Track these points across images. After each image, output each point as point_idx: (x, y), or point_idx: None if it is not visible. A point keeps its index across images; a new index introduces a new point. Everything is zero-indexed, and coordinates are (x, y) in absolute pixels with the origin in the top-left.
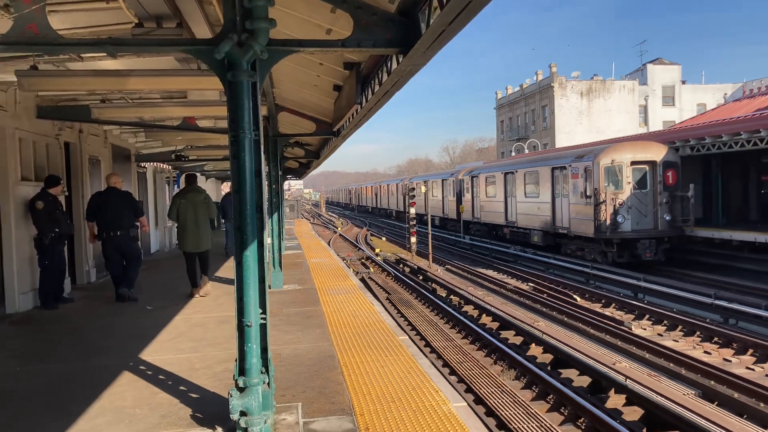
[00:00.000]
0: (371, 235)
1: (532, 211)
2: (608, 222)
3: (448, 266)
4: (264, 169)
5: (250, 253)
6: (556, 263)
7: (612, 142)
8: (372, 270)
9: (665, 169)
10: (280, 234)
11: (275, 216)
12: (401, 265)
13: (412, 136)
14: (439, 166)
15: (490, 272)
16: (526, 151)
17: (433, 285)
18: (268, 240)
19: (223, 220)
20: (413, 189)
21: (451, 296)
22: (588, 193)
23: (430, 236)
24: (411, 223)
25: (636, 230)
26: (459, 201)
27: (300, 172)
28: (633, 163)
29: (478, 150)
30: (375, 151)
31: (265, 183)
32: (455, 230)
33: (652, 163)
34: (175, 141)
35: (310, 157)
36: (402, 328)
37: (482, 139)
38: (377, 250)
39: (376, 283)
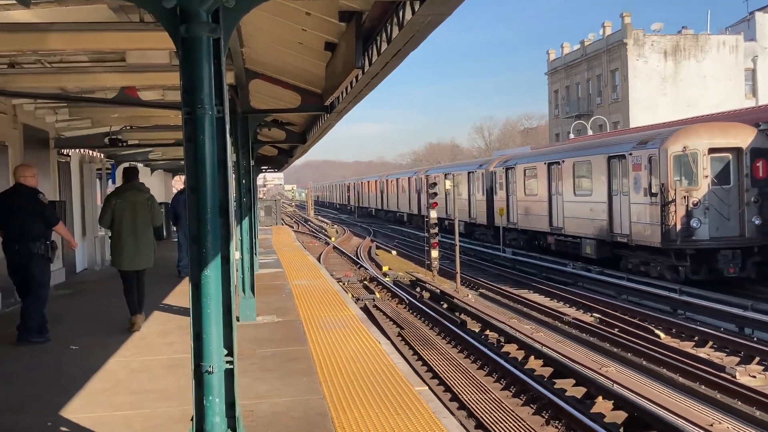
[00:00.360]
0: (377, 247)
1: (584, 213)
2: (679, 227)
3: (483, 290)
4: (230, 157)
5: (211, 273)
6: (631, 286)
7: (697, 122)
8: (378, 295)
9: (754, 158)
10: (253, 246)
11: (245, 222)
12: (418, 289)
13: (434, 113)
14: (470, 153)
15: (539, 298)
16: (590, 132)
17: (463, 316)
18: (236, 255)
19: (174, 228)
20: (434, 185)
21: (487, 331)
22: (653, 190)
23: (458, 249)
24: (432, 231)
25: (716, 238)
26: (490, 200)
27: (280, 162)
28: (711, 150)
29: (524, 131)
30: (383, 133)
31: (232, 177)
32: (484, 239)
33: (736, 151)
34: (109, 120)
35: (294, 141)
36: (419, 376)
37: (529, 116)
38: (385, 269)
39: (384, 314)
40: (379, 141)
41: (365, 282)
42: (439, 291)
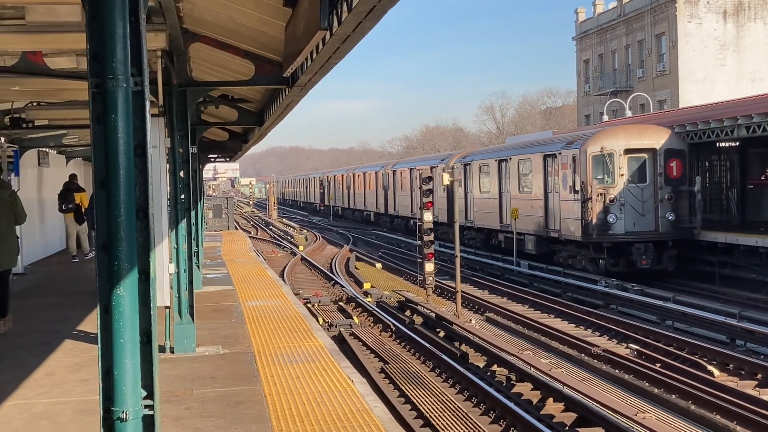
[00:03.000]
0: (357, 258)
1: (526, 210)
2: (595, 222)
3: (490, 313)
4: (162, 143)
5: (125, 292)
6: (677, 309)
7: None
8: (357, 320)
9: (668, 158)
10: (192, 257)
11: (183, 225)
12: (408, 312)
13: (431, 88)
14: (477, 138)
15: (561, 324)
16: (628, 113)
17: (464, 347)
18: (170, 268)
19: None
20: (429, 179)
21: (494, 366)
22: (576, 188)
23: (458, 261)
24: (425, 238)
25: (631, 232)
26: (450, 198)
27: (232, 150)
28: (627, 151)
29: (546, 111)
30: (367, 113)
31: (162, 168)
32: (446, 238)
33: (652, 152)
34: (9, 94)
35: (248, 123)
36: (403, 424)
37: (552, 91)
38: (366, 286)
39: (364, 344)
40: (363, 123)
41: (341, 303)
42: (434, 315)
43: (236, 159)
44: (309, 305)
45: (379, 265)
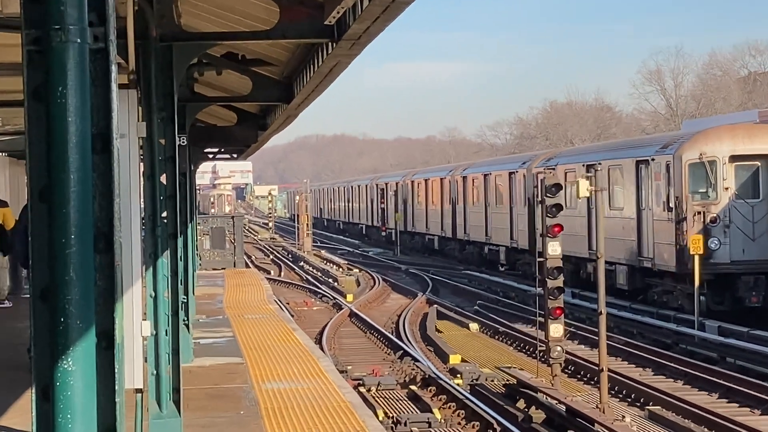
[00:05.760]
0: (440, 315)
1: (617, 232)
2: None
3: (655, 405)
4: (134, 130)
5: (76, 368)
6: None
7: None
8: (439, 415)
9: None
10: (179, 311)
11: (164, 261)
12: (522, 404)
13: (558, 41)
14: (635, 119)
15: None
16: None
17: None
18: (145, 328)
19: (25, 273)
20: (556, 187)
21: None
22: (671, 204)
23: (603, 321)
24: (550, 283)
25: (738, 261)
26: (532, 216)
27: (242, 140)
28: (734, 158)
29: (745, 78)
30: (455, 81)
31: (135, 168)
32: (527, 270)
33: (765, 158)
34: None
35: (269, 97)
36: None
37: (758, 47)
38: (454, 360)
39: None
40: (449, 98)
41: (413, 387)
42: (564, 408)
43: (249, 155)
44: (362, 389)
45: (474, 326)
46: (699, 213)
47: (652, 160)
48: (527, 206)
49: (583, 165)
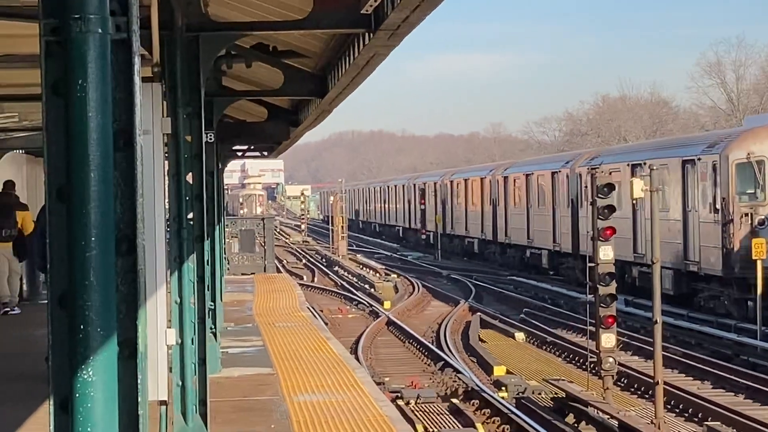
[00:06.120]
0: (483, 323)
1: (663, 234)
2: (738, 250)
3: (714, 419)
4: (159, 126)
5: (96, 379)
6: None
7: None
8: (482, 430)
9: None
10: (206, 318)
11: (190, 266)
12: (572, 419)
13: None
14: (693, 114)
15: None
16: None
17: None
18: (170, 337)
19: (43, 277)
20: (609, 187)
21: None
22: (717, 206)
23: (659, 330)
24: (602, 290)
25: None
26: (575, 217)
27: (273, 137)
28: None
29: None
30: (499, 74)
31: (159, 167)
32: (571, 276)
33: None
34: None
35: (302, 91)
36: None
37: None
38: (498, 372)
39: None
40: (493, 92)
41: (454, 401)
42: (617, 424)
43: (280, 153)
44: (400, 402)
45: (520, 336)
46: (746, 215)
47: (698, 159)
48: (570, 208)
49: (628, 165)
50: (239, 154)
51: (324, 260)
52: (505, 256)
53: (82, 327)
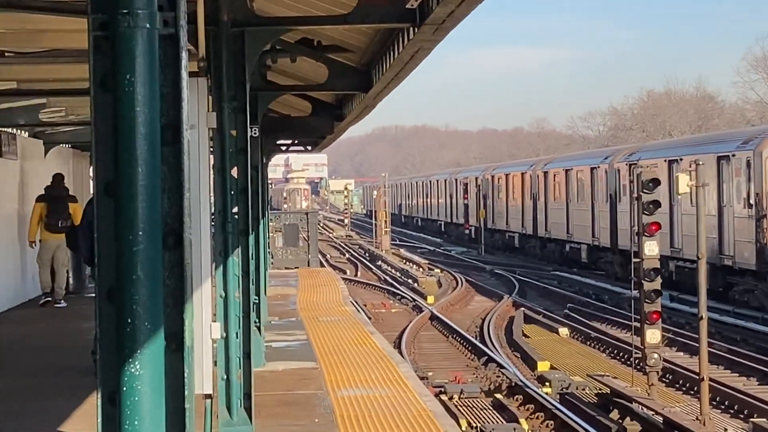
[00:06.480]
0: (527, 318)
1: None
2: None
3: (761, 417)
4: (204, 121)
5: (144, 372)
6: None
7: None
8: (526, 426)
9: None
10: (250, 312)
11: (235, 260)
12: (616, 414)
13: (655, 25)
14: (739, 110)
15: None
16: None
17: None
18: (214, 330)
19: (89, 271)
20: (654, 182)
21: None
22: (751, 201)
23: (704, 324)
24: (647, 286)
25: None
26: (614, 212)
27: (317, 132)
28: None
29: None
30: (544, 68)
31: (204, 161)
32: (609, 270)
33: None
34: None
35: (346, 86)
36: None
37: None
38: (542, 367)
39: None
40: (537, 86)
41: (498, 395)
42: (661, 419)
43: (324, 148)
44: (444, 397)
45: (564, 331)
46: None
47: (733, 156)
48: (609, 203)
49: (665, 160)
50: (283, 148)
51: (367, 255)
52: (545, 251)
53: (129, 321)
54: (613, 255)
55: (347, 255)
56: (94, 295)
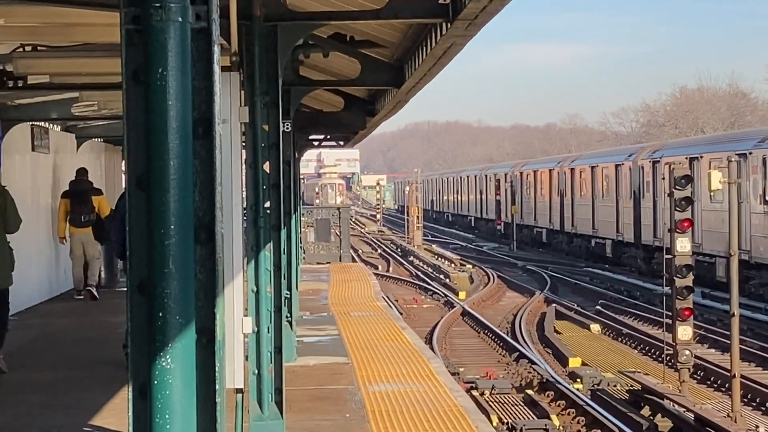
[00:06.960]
0: (559, 314)
1: (717, 225)
2: None
3: None
4: (236, 115)
5: (175, 366)
6: None
7: None
8: (558, 422)
9: None
10: (282, 307)
11: (267, 255)
12: (647, 411)
13: (688, 21)
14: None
15: None
16: None
17: None
18: (246, 324)
19: (121, 265)
20: (686, 179)
21: None
22: (766, 197)
23: (736, 324)
24: (679, 282)
25: None
26: (637, 207)
27: (350, 127)
28: None
29: None
30: (576, 65)
31: (236, 156)
32: (633, 264)
33: None
34: None
35: (379, 81)
36: None
37: None
38: (574, 363)
39: None
40: (569, 83)
41: (529, 392)
42: (693, 416)
43: (356, 143)
44: (475, 393)
45: (595, 327)
46: None
47: (750, 153)
48: (633, 199)
49: (686, 158)
50: (315, 143)
51: (399, 250)
52: (571, 245)
53: (160, 314)
54: (637, 250)
55: (379, 250)
56: (125, 288)
